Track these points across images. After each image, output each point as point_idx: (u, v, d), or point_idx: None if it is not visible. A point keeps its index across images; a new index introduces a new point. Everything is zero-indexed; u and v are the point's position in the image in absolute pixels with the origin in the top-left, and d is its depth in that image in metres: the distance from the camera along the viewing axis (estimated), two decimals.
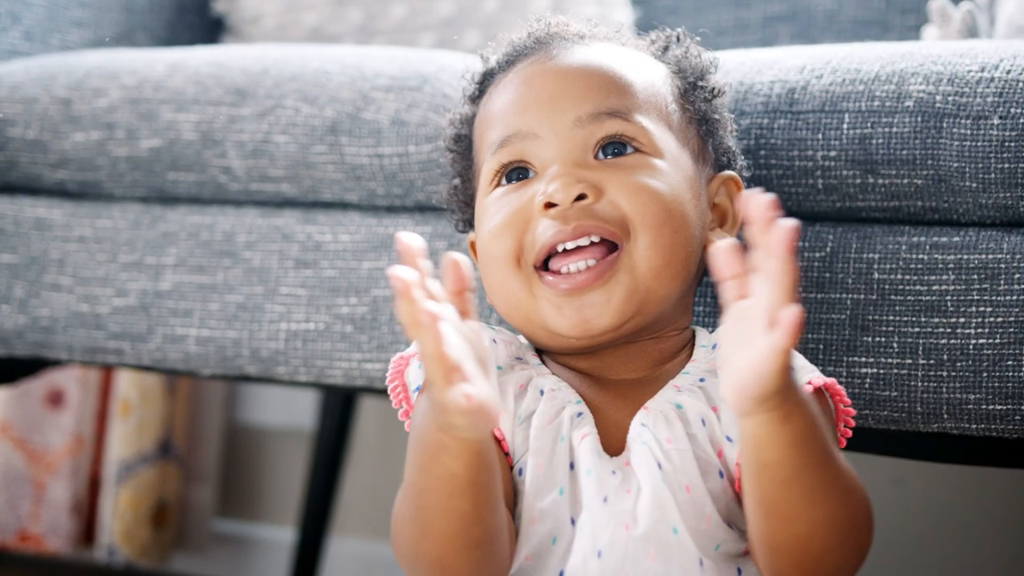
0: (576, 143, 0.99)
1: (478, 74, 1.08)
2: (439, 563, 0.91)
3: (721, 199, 1.05)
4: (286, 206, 1.32)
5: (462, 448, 0.87)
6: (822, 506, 0.89)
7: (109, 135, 1.36)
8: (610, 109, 1.00)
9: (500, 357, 1.00)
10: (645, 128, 1.00)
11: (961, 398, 1.07)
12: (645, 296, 0.98)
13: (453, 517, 0.89)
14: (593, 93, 1.00)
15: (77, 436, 2.08)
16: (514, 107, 1.02)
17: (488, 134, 1.03)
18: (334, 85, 1.29)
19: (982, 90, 1.07)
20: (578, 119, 1.00)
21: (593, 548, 0.92)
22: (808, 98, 1.12)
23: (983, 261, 1.07)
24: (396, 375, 1.01)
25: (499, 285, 1.01)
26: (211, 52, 1.39)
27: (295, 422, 2.14)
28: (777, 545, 0.90)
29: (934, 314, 1.08)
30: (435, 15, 1.67)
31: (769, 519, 0.90)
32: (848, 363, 1.10)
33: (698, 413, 0.97)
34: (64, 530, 2.07)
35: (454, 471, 0.88)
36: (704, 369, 1.00)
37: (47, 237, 1.39)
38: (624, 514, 0.93)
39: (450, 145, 1.10)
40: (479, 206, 1.04)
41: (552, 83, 1.01)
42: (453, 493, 0.88)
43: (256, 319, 1.30)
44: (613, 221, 0.97)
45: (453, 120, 1.10)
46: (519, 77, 1.03)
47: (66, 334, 1.37)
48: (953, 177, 1.08)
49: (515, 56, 1.05)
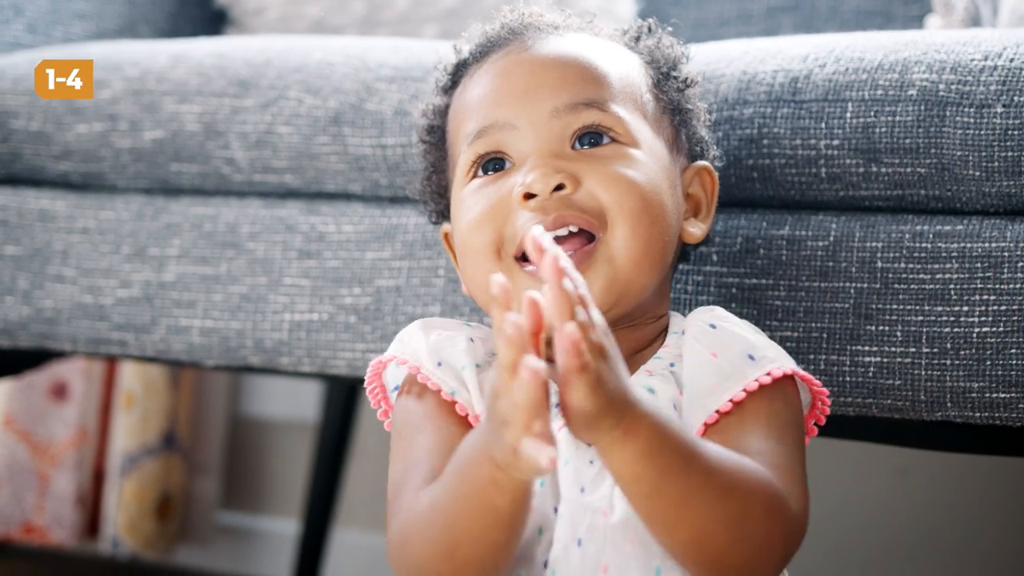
0: (553, 133, 1.00)
1: (451, 65, 1.08)
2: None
3: (695, 189, 1.06)
4: (289, 197, 1.32)
5: (514, 486, 0.86)
6: (698, 510, 0.88)
7: (112, 127, 1.36)
8: (587, 99, 1.00)
9: (478, 355, 1.00)
10: (621, 118, 1.00)
11: (965, 386, 1.07)
12: (624, 287, 0.98)
13: (485, 546, 0.89)
14: (569, 83, 1.00)
15: (81, 428, 2.08)
16: (490, 98, 1.02)
17: (464, 125, 1.03)
18: (337, 76, 1.29)
19: (985, 78, 1.07)
20: (555, 110, 1.00)
21: (573, 537, 0.93)
22: (811, 87, 1.12)
23: (986, 250, 1.07)
24: (374, 377, 1.03)
25: (479, 277, 1.01)
26: (214, 43, 1.39)
27: (299, 414, 2.15)
28: (672, 550, 0.91)
29: (937, 303, 1.08)
30: (438, 6, 1.67)
31: (654, 528, 0.90)
32: (851, 352, 1.10)
33: (669, 398, 0.97)
34: (68, 522, 2.08)
35: (499, 506, 0.87)
36: (674, 354, 1.00)
37: (51, 229, 1.39)
38: (601, 501, 0.93)
39: (423, 136, 1.09)
40: (455, 197, 1.04)
41: (528, 74, 1.01)
42: (492, 526, 0.88)
43: (260, 310, 1.30)
44: (591, 211, 0.98)
45: (426, 111, 1.09)
46: (494, 68, 1.03)
47: (70, 325, 1.37)
48: (956, 166, 1.08)
49: (489, 47, 1.05)
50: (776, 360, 0.97)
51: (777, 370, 0.96)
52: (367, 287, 1.27)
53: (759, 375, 0.96)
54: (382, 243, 1.27)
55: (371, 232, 1.27)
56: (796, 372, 0.97)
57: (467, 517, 0.88)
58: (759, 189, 1.14)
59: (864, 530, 1.84)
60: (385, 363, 1.02)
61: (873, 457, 1.82)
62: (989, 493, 1.79)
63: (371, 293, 1.26)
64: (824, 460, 1.78)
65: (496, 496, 0.86)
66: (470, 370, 0.98)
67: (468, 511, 0.88)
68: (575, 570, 0.92)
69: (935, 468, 1.80)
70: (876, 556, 1.84)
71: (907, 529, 1.82)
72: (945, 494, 1.81)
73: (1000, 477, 1.77)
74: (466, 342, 1.00)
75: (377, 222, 1.27)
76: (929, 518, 1.82)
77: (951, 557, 1.81)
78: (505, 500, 0.87)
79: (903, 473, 1.82)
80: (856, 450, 1.78)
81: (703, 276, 1.15)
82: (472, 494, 0.87)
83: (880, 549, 1.84)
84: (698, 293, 1.15)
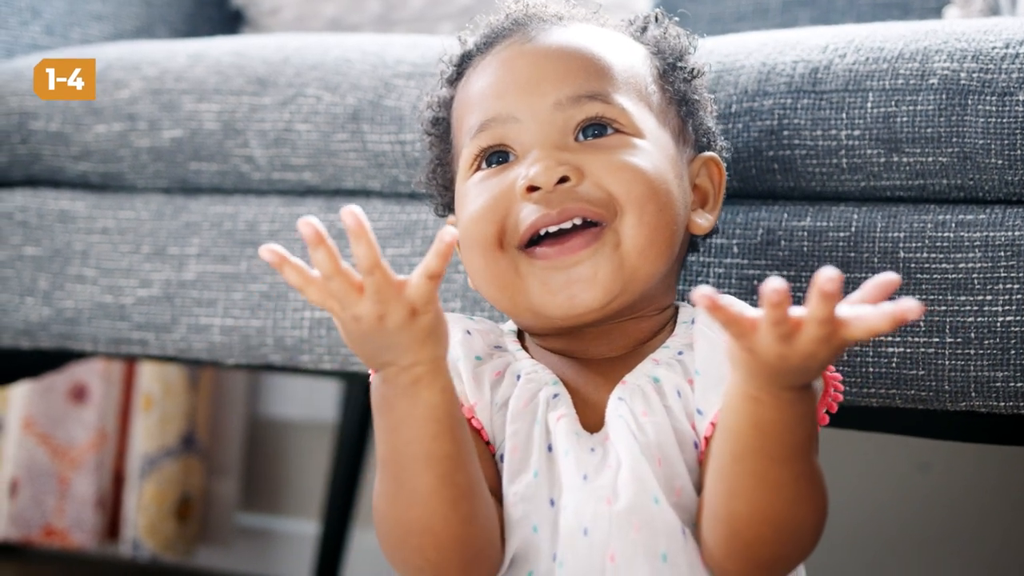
0: (556, 126, 0.99)
1: (456, 56, 1.08)
2: (430, 531, 0.91)
3: (702, 180, 1.05)
4: (308, 195, 1.32)
5: (434, 374, 0.89)
6: (767, 498, 0.89)
7: (131, 126, 1.36)
8: (590, 92, 0.99)
9: (476, 347, 1.00)
10: (625, 109, 1.00)
11: (989, 376, 1.07)
12: (631, 274, 0.98)
13: (436, 462, 0.90)
14: (572, 75, 1.00)
15: (101, 431, 2.09)
16: (493, 91, 1.01)
17: (467, 118, 1.03)
18: (355, 73, 1.29)
19: (1007, 66, 1.06)
20: (558, 102, 0.99)
21: (578, 526, 0.93)
22: (831, 77, 1.12)
23: (1009, 238, 1.07)
24: None
25: (483, 268, 1.00)
26: (232, 42, 1.39)
27: (318, 415, 2.15)
28: (714, 514, 0.91)
29: (961, 292, 1.08)
30: (453, 4, 1.67)
31: (717, 486, 0.90)
32: (875, 343, 1.10)
33: (674, 385, 0.97)
34: (89, 525, 2.08)
35: (432, 402, 0.89)
36: (684, 343, 1.00)
37: (70, 229, 1.39)
38: (605, 489, 0.93)
39: (428, 128, 1.09)
40: (459, 190, 1.04)
41: (531, 66, 1.01)
42: (436, 433, 0.90)
43: (280, 308, 1.30)
44: (598, 201, 0.97)
45: (431, 103, 1.09)
46: (497, 60, 1.03)
47: (90, 325, 1.37)
48: (979, 154, 1.07)
49: (493, 38, 1.05)
50: None
51: None
52: None
53: None
54: (402, 239, 1.27)
55: (391, 228, 1.27)
56: None
57: (412, 440, 0.90)
58: (780, 180, 1.14)
59: (885, 525, 1.84)
60: None
61: (895, 452, 1.81)
62: (1011, 490, 1.78)
63: None
64: (845, 455, 1.77)
65: (428, 395, 0.89)
66: (464, 361, 0.99)
67: (411, 432, 0.90)
68: (583, 559, 0.92)
69: (957, 463, 1.79)
70: (896, 552, 1.84)
71: (928, 525, 1.82)
72: (967, 490, 1.80)
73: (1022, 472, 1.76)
74: (462, 334, 1.00)
75: (397, 218, 1.27)
76: (950, 514, 1.81)
77: (972, 554, 1.80)
78: (436, 394, 0.89)
79: (925, 468, 1.81)
80: (878, 445, 1.77)
81: (724, 268, 1.15)
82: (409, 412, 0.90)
83: (900, 545, 1.83)
84: (719, 285, 1.15)
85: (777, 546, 0.90)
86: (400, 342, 0.88)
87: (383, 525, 0.94)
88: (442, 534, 0.91)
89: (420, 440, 0.90)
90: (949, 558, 1.81)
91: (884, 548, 1.83)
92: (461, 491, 0.91)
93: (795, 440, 0.88)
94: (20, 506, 2.08)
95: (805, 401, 0.87)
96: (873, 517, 1.83)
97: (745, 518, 0.89)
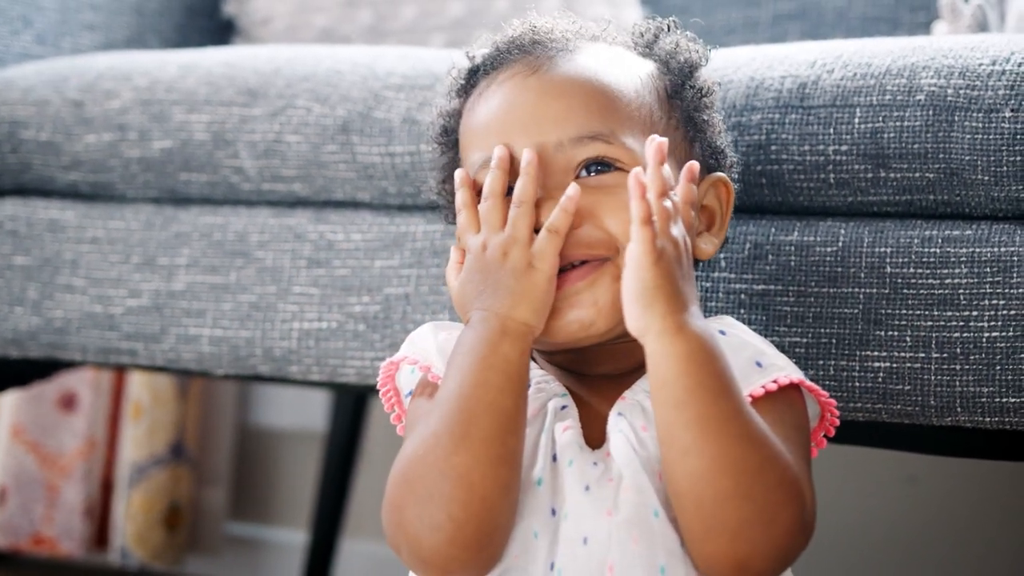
0: (558, 166, 0.99)
1: (464, 71, 1.07)
2: (467, 477, 0.92)
3: (710, 200, 1.05)
4: (298, 206, 1.32)
5: (521, 336, 0.95)
6: (717, 440, 0.90)
7: (121, 136, 1.36)
8: (592, 132, 0.99)
9: None
10: (628, 149, 1.00)
11: (975, 391, 1.07)
12: None
13: (496, 414, 0.93)
14: (575, 114, 1.00)
15: (89, 439, 2.09)
16: (496, 127, 1.01)
17: (471, 152, 1.03)
18: (346, 84, 1.29)
19: (993, 83, 1.07)
20: (559, 143, 0.99)
21: (578, 536, 0.93)
22: (819, 93, 1.12)
23: (996, 254, 1.07)
24: (387, 380, 1.03)
25: None
26: (223, 53, 1.39)
27: (307, 424, 2.15)
28: (676, 486, 0.91)
29: (947, 308, 1.08)
30: (446, 16, 1.67)
31: (669, 453, 0.92)
32: (861, 357, 1.10)
33: None
34: (77, 533, 2.08)
35: (509, 357, 0.94)
36: None
37: (60, 239, 1.39)
38: (606, 501, 0.94)
39: (438, 138, 1.09)
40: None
41: (533, 105, 1.00)
42: (503, 387, 0.94)
43: (269, 318, 1.30)
44: (598, 243, 0.98)
45: (442, 112, 1.09)
46: (501, 91, 1.02)
47: (80, 335, 1.37)
48: (965, 170, 1.08)
49: (499, 61, 1.04)
50: (784, 369, 0.97)
51: (784, 378, 0.96)
52: (376, 295, 1.27)
53: (766, 382, 0.96)
54: (391, 251, 1.27)
55: (380, 240, 1.27)
56: (803, 382, 0.97)
57: (482, 384, 0.94)
58: (767, 195, 1.15)
59: (873, 539, 1.84)
60: (397, 364, 1.02)
61: (882, 465, 1.82)
62: (998, 502, 1.78)
63: (380, 301, 1.27)
64: (833, 468, 1.78)
65: (508, 349, 0.94)
66: None
67: (483, 376, 0.94)
68: (581, 569, 0.93)
69: (944, 477, 1.80)
70: (883, 563, 1.84)
71: (916, 538, 1.82)
72: (954, 503, 1.81)
73: (1009, 485, 1.77)
74: None
75: (386, 230, 1.28)
76: (937, 526, 1.81)
77: (958, 565, 1.81)
78: (516, 351, 0.94)
79: (912, 482, 1.82)
80: (865, 458, 1.78)
81: (711, 282, 1.15)
82: (488, 357, 0.94)
83: (888, 557, 1.84)
84: (706, 299, 1.15)
85: (746, 502, 0.90)
86: (508, 286, 0.95)
87: (416, 469, 0.93)
88: (477, 489, 0.92)
89: (487, 388, 0.93)
90: (936, 570, 1.81)
91: (872, 560, 1.84)
92: (508, 453, 0.93)
93: (717, 370, 0.91)
94: (9, 514, 2.08)
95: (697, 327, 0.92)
96: (861, 529, 1.84)
97: (701, 472, 0.90)
